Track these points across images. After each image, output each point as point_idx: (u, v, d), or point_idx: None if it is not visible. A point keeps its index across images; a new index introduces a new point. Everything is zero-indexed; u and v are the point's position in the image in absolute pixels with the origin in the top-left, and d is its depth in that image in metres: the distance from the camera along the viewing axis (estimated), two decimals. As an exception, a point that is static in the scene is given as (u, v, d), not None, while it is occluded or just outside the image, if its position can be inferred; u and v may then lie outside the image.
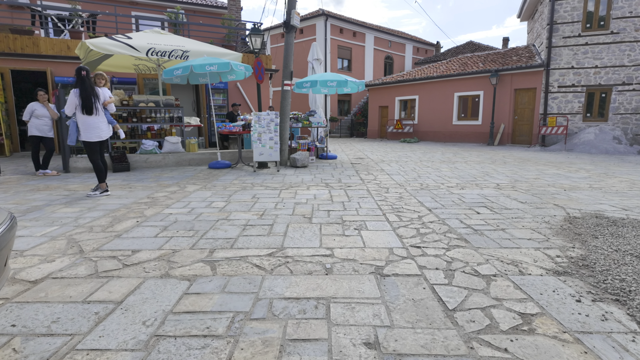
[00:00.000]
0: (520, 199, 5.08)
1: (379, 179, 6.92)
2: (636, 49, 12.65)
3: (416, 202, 4.90)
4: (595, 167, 8.54)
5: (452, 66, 18.50)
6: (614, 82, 13.04)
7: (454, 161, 9.83)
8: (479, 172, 7.71)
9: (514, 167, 8.57)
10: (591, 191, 5.67)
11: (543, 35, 14.37)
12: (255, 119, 7.83)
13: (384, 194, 5.49)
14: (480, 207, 4.62)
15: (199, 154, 8.73)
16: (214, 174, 7.35)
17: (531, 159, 10.53)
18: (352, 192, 5.57)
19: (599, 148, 11.75)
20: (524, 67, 14.25)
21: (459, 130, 17.35)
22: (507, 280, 2.55)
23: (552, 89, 13.88)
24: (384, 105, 21.22)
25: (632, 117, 12.95)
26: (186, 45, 8.24)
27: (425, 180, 6.69)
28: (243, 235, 3.48)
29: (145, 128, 8.84)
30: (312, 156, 9.34)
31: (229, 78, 8.91)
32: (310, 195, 5.36)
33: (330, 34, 23.58)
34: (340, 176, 7.19)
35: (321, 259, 2.90)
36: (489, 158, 10.66)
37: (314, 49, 10.72)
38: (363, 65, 26.45)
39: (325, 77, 8.94)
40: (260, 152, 7.74)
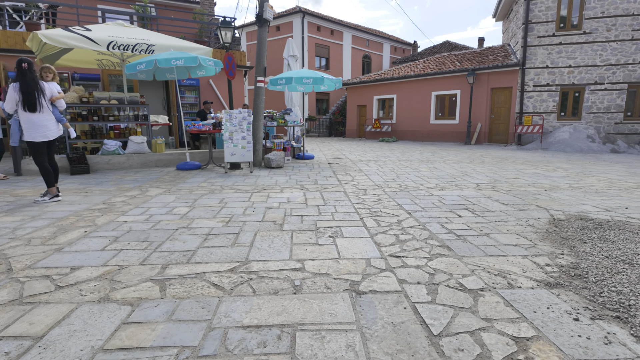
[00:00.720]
0: (502, 200, 4.89)
1: (357, 179, 6.64)
2: (607, 49, 12.87)
3: (395, 205, 4.62)
4: (572, 166, 8.53)
5: (429, 65, 18.48)
6: (586, 82, 13.25)
7: (433, 161, 9.67)
8: (458, 172, 7.54)
9: (492, 167, 8.46)
10: (572, 191, 5.55)
11: (518, 35, 14.48)
12: (226, 117, 7.41)
13: (362, 196, 5.20)
14: (462, 210, 4.39)
15: (167, 154, 8.23)
16: (181, 176, 6.89)
17: (509, 157, 10.50)
18: (329, 195, 5.25)
19: (574, 146, 11.88)
20: (500, 66, 14.31)
21: (436, 130, 17.34)
22: (497, 296, 2.28)
23: (528, 88, 13.99)
24: (363, 104, 21.05)
25: (604, 116, 13.19)
26: (152, 39, 7.72)
27: (404, 181, 6.44)
28: (203, 247, 3.10)
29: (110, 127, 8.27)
30: (288, 156, 8.97)
31: (198, 74, 8.44)
32: (284, 198, 5.01)
33: (307, 32, 23.23)
34: (317, 177, 6.87)
35: (290, 274, 2.56)
36: (467, 157, 10.57)
37: (289, 45, 10.35)
38: (341, 64, 26.23)
39: (301, 73, 8.59)
40: (231, 152, 7.32)
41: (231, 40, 7.48)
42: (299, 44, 23.07)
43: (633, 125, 12.98)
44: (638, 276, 2.53)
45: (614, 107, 13.05)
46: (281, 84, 8.64)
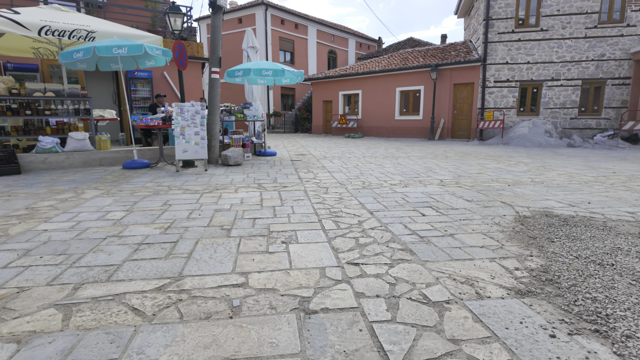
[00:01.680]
0: (466, 197, 4.71)
1: (319, 177, 6.31)
2: (563, 46, 13.26)
3: (357, 204, 4.32)
4: (532, 161, 8.62)
5: (393, 61, 18.45)
6: (544, 78, 13.60)
7: (397, 156, 9.52)
8: (422, 168, 7.39)
9: (456, 162, 8.39)
10: (534, 186, 5.48)
11: (479, 31, 14.66)
12: (177, 110, 6.85)
13: (323, 194, 4.87)
14: (426, 208, 4.15)
15: (113, 152, 7.54)
16: (126, 176, 6.28)
17: (471, 152, 10.55)
18: (287, 194, 4.88)
19: (533, 141, 12.16)
20: (462, 61, 14.44)
21: (401, 125, 17.35)
22: (464, 309, 2.00)
23: (489, 84, 14.21)
24: (328, 99, 20.77)
25: (560, 112, 13.61)
26: (92, 25, 7.01)
27: (367, 178, 6.18)
28: (131, 260, 2.64)
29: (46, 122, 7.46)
30: (248, 153, 8.50)
31: (147, 64, 7.77)
32: (237, 199, 4.58)
33: (270, 25, 22.61)
34: (277, 175, 6.47)
35: (229, 292, 2.18)
36: (430, 153, 10.52)
37: (248, 35, 9.83)
38: (306, 59, 25.81)
39: (260, 65, 8.12)
40: (183, 149, 6.78)
41: (181, 28, 6.91)
42: (262, 37, 22.42)
43: (586, 121, 13.48)
44: (610, 279, 2.35)
45: (569, 103, 13.50)
46: (239, 76, 8.14)
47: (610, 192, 4.99)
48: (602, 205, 4.26)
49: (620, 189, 5.21)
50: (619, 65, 12.90)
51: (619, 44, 12.80)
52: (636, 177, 6.23)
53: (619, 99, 13.10)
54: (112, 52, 6.11)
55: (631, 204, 4.33)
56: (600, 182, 5.76)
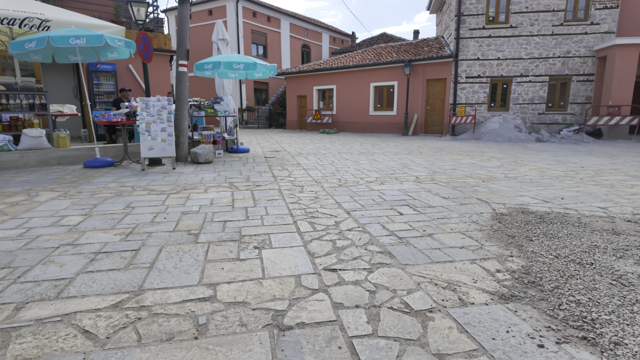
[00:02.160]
0: (442, 194, 4.66)
1: (294, 175, 6.12)
2: (531, 43, 13.58)
3: (333, 203, 4.18)
4: (504, 156, 8.76)
5: (367, 56, 18.41)
6: (513, 74, 13.91)
7: (372, 152, 9.46)
8: (398, 164, 7.34)
9: (430, 158, 8.41)
10: (508, 181, 5.52)
11: (451, 27, 14.80)
12: (142, 105, 6.48)
13: (298, 194, 4.69)
14: (403, 206, 4.06)
15: (74, 149, 7.07)
16: (87, 176, 5.88)
17: (444, 148, 10.63)
18: (261, 194, 4.67)
19: (504, 136, 12.41)
20: (435, 57, 14.55)
21: (376, 121, 17.36)
22: (448, 318, 1.89)
23: (461, 80, 14.39)
24: (303, 94, 20.53)
25: (529, 107, 13.97)
26: (47, 13, 6.49)
27: (343, 175, 6.05)
28: (86, 272, 2.39)
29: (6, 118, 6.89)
30: (219, 150, 8.19)
31: (109, 57, 7.31)
32: (207, 200, 4.34)
33: (242, 17, 22.07)
34: (250, 173, 6.24)
35: (195, 307, 1.98)
36: (405, 148, 10.52)
37: (218, 27, 9.46)
38: (280, 53, 25.41)
39: (231, 58, 7.81)
40: (149, 147, 6.42)
41: (145, 18, 6.51)
42: (233, 29, 21.85)
43: (553, 116, 13.90)
44: (591, 279, 2.31)
45: (537, 99, 13.87)
46: (209, 69, 7.80)
47: (580, 187, 5.08)
48: (575, 201, 4.30)
49: (590, 184, 5.31)
50: (583, 62, 13.36)
51: (583, 42, 13.24)
52: (603, 172, 6.40)
53: (583, 94, 13.58)
54: (69, 42, 5.68)
55: (601, 199, 4.40)
56: (570, 177, 5.87)
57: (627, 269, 2.47)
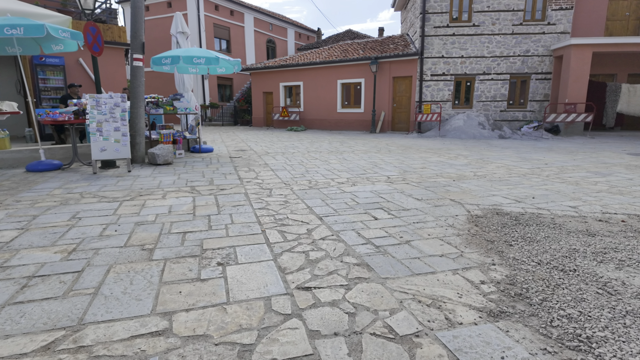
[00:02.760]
0: (415, 195, 4.53)
1: (262, 176, 5.81)
2: (493, 41, 13.91)
3: (304, 208, 3.93)
4: (470, 153, 8.85)
5: (334, 52, 18.23)
6: (476, 72, 14.20)
7: (342, 151, 9.28)
8: (368, 163, 7.19)
9: (399, 156, 8.34)
10: (478, 180, 5.49)
11: (416, 24, 14.89)
12: (92, 103, 5.92)
13: (266, 198, 4.41)
14: (377, 210, 3.88)
15: (14, 151, 6.38)
16: (29, 181, 5.29)
17: (412, 146, 10.65)
18: (225, 199, 4.34)
19: (468, 133, 12.64)
20: (401, 55, 14.59)
21: (343, 118, 17.24)
22: (437, 343, 1.70)
23: (426, 77, 14.53)
24: (269, 91, 20.06)
25: (492, 104, 14.33)
26: (-23, -2, 5.78)
27: (314, 176, 5.81)
28: (14, 303, 2.01)
29: None
30: (180, 150, 7.71)
31: (54, 49, 6.65)
32: (165, 207, 3.96)
33: (204, 10, 21.22)
34: (214, 175, 5.86)
35: (146, 345, 1.67)
36: (374, 147, 10.44)
37: (177, 19, 8.90)
38: (244, 47, 24.73)
39: (191, 52, 7.34)
40: (101, 148, 5.89)
41: (94, 7, 5.92)
42: (194, 23, 20.97)
43: (514, 113, 14.34)
44: (577, 289, 2.21)
45: (499, 96, 14.25)
46: (167, 64, 7.29)
47: (548, 185, 5.12)
48: (546, 200, 4.30)
49: (556, 181, 5.38)
50: (541, 61, 13.84)
51: (541, 41, 13.71)
52: (566, 168, 6.55)
53: (542, 92, 14.09)
54: (4, 32, 5.05)
55: (570, 197, 4.43)
56: (537, 175, 5.94)
57: (609, 274, 2.39)
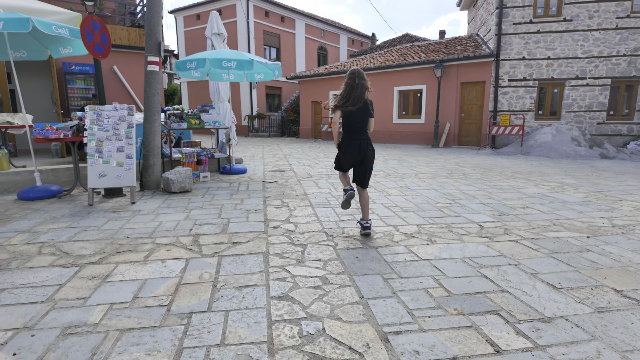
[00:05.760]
0: (544, 275, 2.69)
1: (296, 217, 4.25)
2: (590, 39, 11.38)
3: (355, 302, 2.27)
4: (577, 181, 6.66)
5: (390, 57, 16.45)
6: (567, 76, 11.70)
7: (402, 174, 7.48)
8: (441, 196, 5.36)
9: (480, 183, 6.39)
10: (627, 237, 3.48)
11: (490, 22, 12.73)
12: (93, 116, 4.74)
13: (294, 268, 2.81)
14: (490, 315, 2.13)
15: (11, 173, 5.38)
16: (8, 215, 4.15)
17: (491, 167, 8.56)
18: (231, 268, 2.80)
19: (558, 151, 10.24)
20: (472, 57, 12.48)
21: (400, 130, 15.34)
22: None
23: (503, 83, 12.26)
24: (317, 100, 18.71)
25: (586, 115, 11.72)
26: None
27: (368, 220, 4.11)
28: None
29: None
30: (205, 172, 6.39)
31: (62, 52, 5.64)
32: (134, 285, 2.50)
33: (253, 17, 20.46)
34: (233, 214, 4.39)
35: None
36: (441, 167, 8.51)
37: (212, 19, 7.72)
38: (294, 55, 23.71)
39: (220, 54, 6.02)
40: (99, 173, 4.66)
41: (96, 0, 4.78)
42: (243, 30, 20.25)
43: (616, 126, 11.61)
44: None
45: (597, 105, 11.61)
46: (192, 68, 6.03)
47: None
48: None
49: None
50: (655, 61, 11.06)
51: (655, 37, 10.96)
52: None
53: (653, 100, 11.28)
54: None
55: None
56: None
57: None
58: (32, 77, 9.68)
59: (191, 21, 22.67)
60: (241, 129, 21.11)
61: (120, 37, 9.38)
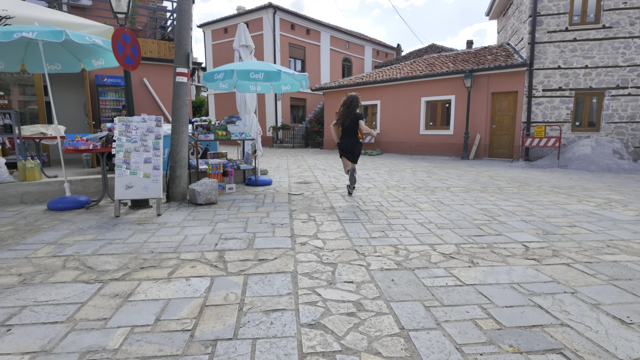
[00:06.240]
0: (607, 306, 2.38)
1: (324, 232, 4.05)
2: (631, 46, 10.78)
3: (395, 334, 2.04)
4: (624, 197, 6.18)
5: (417, 67, 16.20)
6: (606, 86, 11.11)
7: (433, 187, 7.17)
8: (478, 212, 5.05)
9: (518, 198, 6.02)
10: None
11: (522, 31, 12.31)
12: (122, 127, 4.75)
13: (325, 290, 2.61)
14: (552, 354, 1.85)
15: (42, 184, 5.46)
16: (36, 226, 4.16)
17: (527, 181, 8.13)
18: (258, 289, 2.63)
19: (599, 164, 9.65)
20: (504, 66, 12.07)
21: (427, 141, 14.98)
22: None
23: (537, 93, 11.77)
24: (342, 111, 18.59)
25: (628, 127, 11.06)
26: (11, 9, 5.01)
27: (401, 237, 3.88)
28: None
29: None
30: (231, 184, 6.31)
31: (94, 64, 5.74)
32: (157, 305, 2.36)
33: (279, 30, 20.71)
34: (259, 227, 4.24)
35: None
36: (474, 180, 8.14)
37: (240, 31, 7.76)
38: (319, 67, 23.80)
39: (247, 65, 5.98)
40: (126, 184, 4.63)
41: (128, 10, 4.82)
42: (269, 43, 20.52)
43: (662, 138, 10.89)
44: None
45: (640, 116, 10.95)
46: (219, 79, 6.01)
47: None
48: None
49: None
50: None
51: None
52: None
53: None
54: (12, 36, 4.05)
55: None
56: None
57: None
58: (67, 90, 10.01)
59: (219, 35, 23.20)
60: (266, 140, 21.24)
61: (151, 50, 9.58)
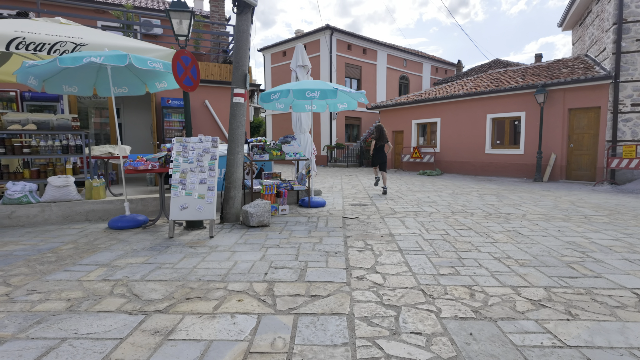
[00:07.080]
0: None
1: (383, 265, 3.63)
2: None
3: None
4: None
5: (482, 83, 15.29)
6: None
7: (506, 214, 6.42)
8: (564, 245, 4.32)
9: (612, 230, 5.12)
10: None
11: (605, 40, 11.08)
12: (179, 148, 4.75)
13: (388, 343, 2.21)
14: None
15: (105, 202, 5.64)
16: (95, 245, 4.21)
17: (618, 208, 7.03)
18: (309, 335, 2.30)
19: None
20: (583, 79, 10.89)
21: (493, 161, 13.91)
22: None
23: (624, 109, 10.43)
24: (399, 130, 18.06)
25: None
26: (86, 37, 5.34)
27: (474, 274, 3.34)
28: None
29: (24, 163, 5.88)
30: (284, 205, 6.12)
31: (158, 87, 5.94)
32: (199, 346, 2.12)
33: (336, 50, 20.84)
34: (311, 255, 3.93)
35: None
36: (553, 206, 7.21)
37: (298, 51, 7.72)
38: (375, 86, 23.54)
39: (303, 85, 5.83)
40: (181, 205, 4.58)
41: (189, 32, 4.90)
42: (326, 63, 20.69)
43: None
44: None
45: None
46: (275, 100, 5.92)
47: None
48: None
49: None
50: None
51: None
52: None
53: None
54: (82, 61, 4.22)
55: None
56: None
57: None
58: (137, 112, 10.66)
59: (278, 58, 23.94)
60: (320, 159, 21.21)
61: (213, 73, 9.92)
